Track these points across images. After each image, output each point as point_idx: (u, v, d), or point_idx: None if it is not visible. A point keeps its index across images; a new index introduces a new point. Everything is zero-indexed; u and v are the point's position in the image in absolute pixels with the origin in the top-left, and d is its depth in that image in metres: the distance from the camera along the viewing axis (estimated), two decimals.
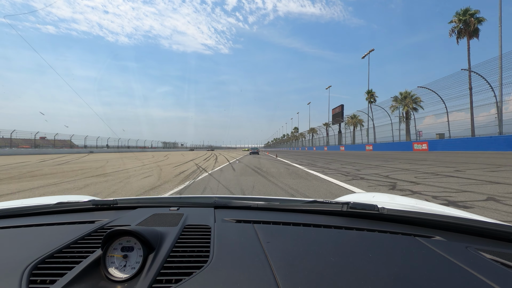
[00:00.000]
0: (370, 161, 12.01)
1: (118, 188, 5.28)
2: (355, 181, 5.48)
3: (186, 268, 0.55)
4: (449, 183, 4.79)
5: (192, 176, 7.25)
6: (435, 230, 0.75)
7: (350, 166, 9.27)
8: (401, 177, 5.84)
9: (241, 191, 4.65)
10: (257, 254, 0.59)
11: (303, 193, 4.31)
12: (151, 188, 5.23)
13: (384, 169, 7.77)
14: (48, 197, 1.46)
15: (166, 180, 6.39)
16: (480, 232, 0.72)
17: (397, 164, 9.39)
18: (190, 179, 6.47)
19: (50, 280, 0.51)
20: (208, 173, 7.98)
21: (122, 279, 0.53)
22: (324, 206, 0.93)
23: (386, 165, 9.16)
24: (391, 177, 6.00)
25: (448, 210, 1.01)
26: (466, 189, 4.13)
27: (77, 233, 0.72)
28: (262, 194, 4.37)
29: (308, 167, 9.49)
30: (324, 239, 0.69)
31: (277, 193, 4.37)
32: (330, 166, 9.65)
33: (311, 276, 0.50)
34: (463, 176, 5.63)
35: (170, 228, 0.72)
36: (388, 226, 0.78)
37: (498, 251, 0.61)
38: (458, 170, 6.78)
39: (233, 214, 0.92)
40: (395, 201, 1.28)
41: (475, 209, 2.93)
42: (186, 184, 5.69)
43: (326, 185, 5.07)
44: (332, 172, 7.52)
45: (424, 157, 14.05)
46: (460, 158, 11.74)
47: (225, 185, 5.38)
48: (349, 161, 12.16)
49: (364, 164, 10.23)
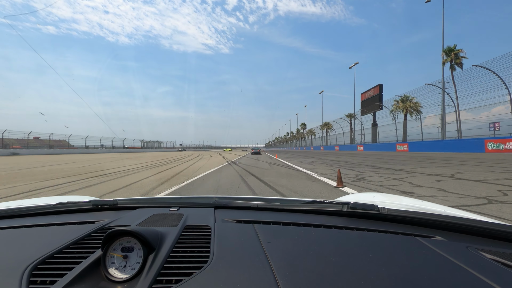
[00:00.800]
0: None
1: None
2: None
3: (186, 268, 0.54)
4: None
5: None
6: (435, 230, 0.75)
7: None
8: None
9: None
10: (257, 255, 0.59)
11: None
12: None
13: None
14: (48, 197, 1.46)
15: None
16: (480, 232, 0.72)
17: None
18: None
19: (50, 281, 0.51)
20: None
21: (122, 279, 0.53)
22: (324, 206, 0.93)
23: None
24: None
25: (449, 210, 1.01)
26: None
27: (77, 234, 0.72)
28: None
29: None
30: (324, 239, 0.69)
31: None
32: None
33: (312, 276, 0.50)
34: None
35: (170, 229, 0.72)
36: (388, 226, 0.78)
37: (499, 251, 0.61)
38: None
39: (233, 214, 0.91)
40: (395, 201, 1.28)
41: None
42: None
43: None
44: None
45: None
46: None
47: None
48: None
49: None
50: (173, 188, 5.31)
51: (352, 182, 5.68)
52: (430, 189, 4.51)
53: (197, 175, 7.75)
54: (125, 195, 4.77)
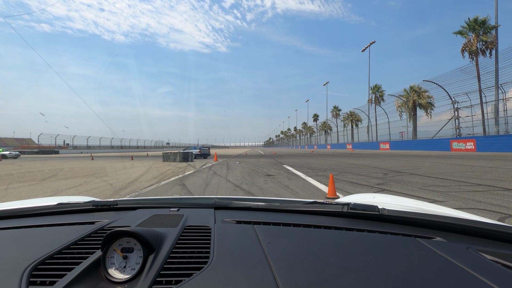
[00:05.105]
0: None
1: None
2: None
3: (186, 269, 0.54)
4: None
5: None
6: (435, 231, 0.75)
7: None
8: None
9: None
10: (257, 255, 0.59)
11: None
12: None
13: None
14: (49, 198, 1.46)
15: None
16: (480, 233, 0.71)
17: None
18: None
19: (50, 281, 0.51)
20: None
21: (122, 280, 0.53)
22: (324, 207, 0.93)
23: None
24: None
25: (449, 211, 1.01)
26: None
27: (77, 234, 0.72)
28: None
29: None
30: (324, 240, 0.69)
31: None
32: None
33: (312, 277, 0.50)
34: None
35: (170, 229, 0.72)
36: (388, 227, 0.78)
37: (499, 252, 0.61)
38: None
39: (233, 215, 0.91)
40: (395, 202, 1.28)
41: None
42: None
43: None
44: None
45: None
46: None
47: None
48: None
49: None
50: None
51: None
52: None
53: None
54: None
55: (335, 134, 52.73)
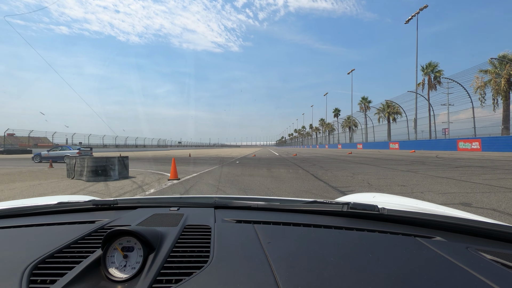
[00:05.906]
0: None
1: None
2: None
3: (186, 268, 0.54)
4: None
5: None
6: (435, 230, 0.75)
7: None
8: None
9: None
10: (257, 255, 0.59)
11: None
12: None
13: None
14: (49, 197, 1.46)
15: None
16: (480, 232, 0.72)
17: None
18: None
19: (50, 280, 0.51)
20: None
21: (122, 279, 0.53)
22: (324, 207, 0.93)
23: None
24: None
25: (449, 210, 1.01)
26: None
27: (78, 233, 0.72)
28: None
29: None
30: (324, 240, 0.69)
31: None
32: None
33: (312, 276, 0.50)
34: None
35: (170, 228, 0.72)
36: (388, 227, 0.78)
37: (499, 252, 0.61)
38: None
39: (233, 214, 0.91)
40: (395, 202, 1.28)
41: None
42: None
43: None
44: None
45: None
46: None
47: None
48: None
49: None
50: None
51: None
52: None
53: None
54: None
55: (359, 131, 45.68)
